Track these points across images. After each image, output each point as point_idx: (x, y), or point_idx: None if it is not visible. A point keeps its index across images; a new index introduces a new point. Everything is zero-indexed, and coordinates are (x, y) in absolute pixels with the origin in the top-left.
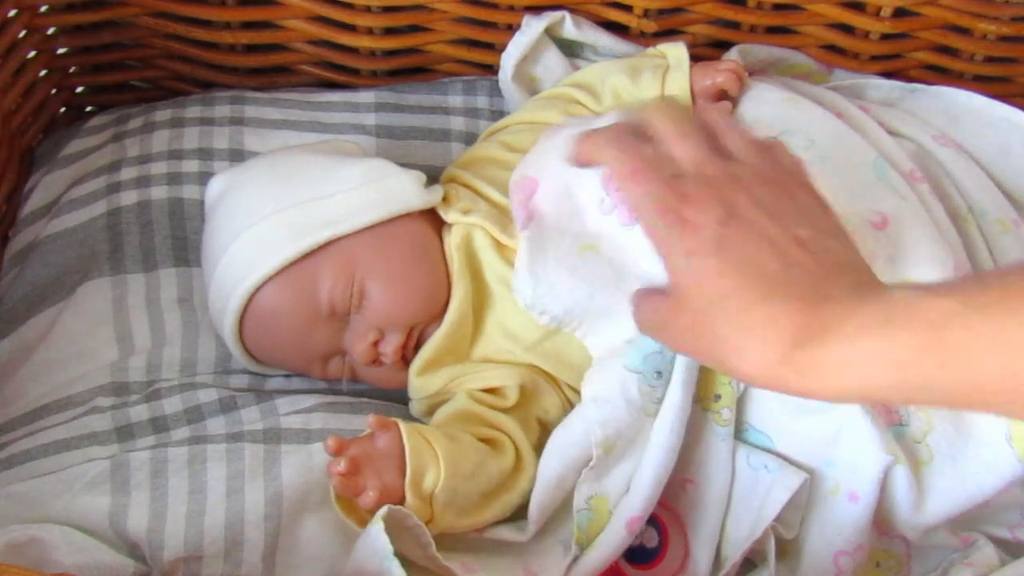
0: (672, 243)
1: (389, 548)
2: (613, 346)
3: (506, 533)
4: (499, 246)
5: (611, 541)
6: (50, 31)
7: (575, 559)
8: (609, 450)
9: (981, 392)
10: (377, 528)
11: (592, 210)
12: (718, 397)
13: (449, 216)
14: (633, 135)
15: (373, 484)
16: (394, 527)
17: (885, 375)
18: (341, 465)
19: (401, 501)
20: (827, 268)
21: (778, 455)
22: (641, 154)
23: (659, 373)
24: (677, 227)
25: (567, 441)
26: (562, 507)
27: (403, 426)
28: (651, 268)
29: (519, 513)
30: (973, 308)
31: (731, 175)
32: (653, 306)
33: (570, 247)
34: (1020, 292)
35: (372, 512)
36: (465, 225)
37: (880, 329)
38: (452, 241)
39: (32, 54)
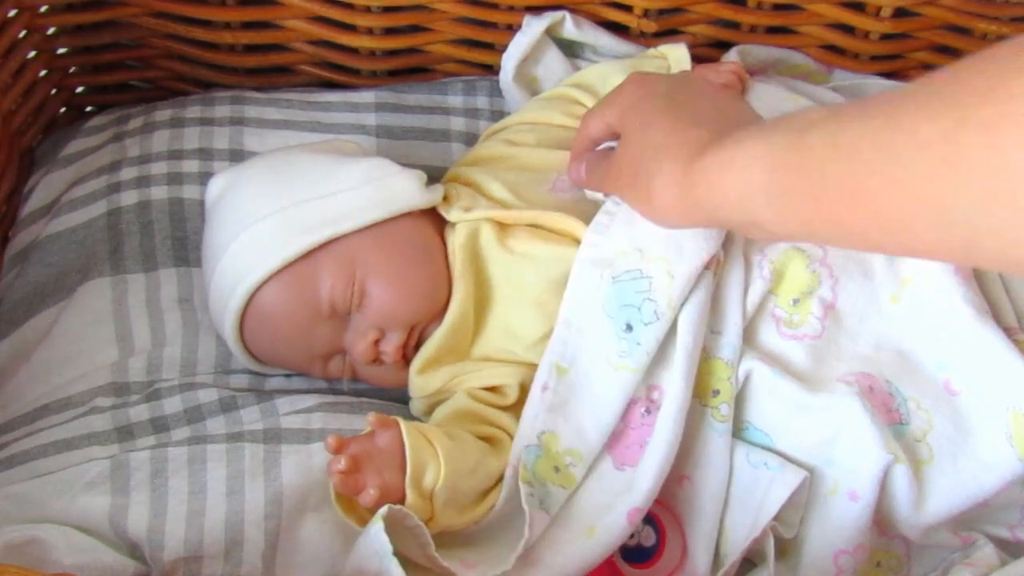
0: (629, 94)
1: (389, 547)
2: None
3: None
4: (504, 243)
5: (611, 530)
6: (50, 31)
7: (532, 498)
8: (563, 372)
9: (828, 196)
10: (377, 527)
11: None
12: (716, 392)
13: (452, 215)
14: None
15: (373, 482)
16: (394, 527)
17: (756, 178)
18: (341, 463)
19: (402, 499)
20: (750, 115)
21: (778, 454)
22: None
23: (629, 326)
24: (637, 84)
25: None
26: None
27: (403, 424)
28: None
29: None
30: (833, 116)
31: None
32: (606, 159)
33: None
34: (876, 103)
35: (372, 511)
36: (469, 222)
37: (758, 134)
38: (456, 240)
39: (32, 54)
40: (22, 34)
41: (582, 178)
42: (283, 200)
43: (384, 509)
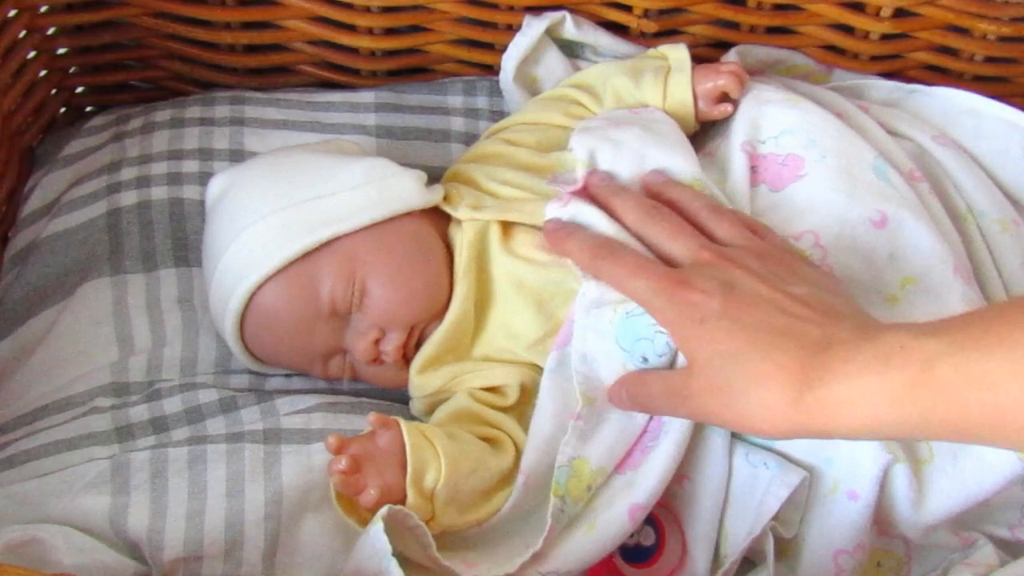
0: (683, 317)
1: (388, 548)
2: (608, 311)
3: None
4: (509, 243)
5: (612, 525)
6: (50, 31)
7: (561, 513)
8: (591, 402)
9: (971, 425)
10: (377, 528)
11: None
12: None
13: (460, 213)
14: (628, 248)
15: (374, 482)
16: (395, 527)
17: (886, 412)
18: (342, 463)
19: (402, 499)
20: (829, 317)
21: (777, 453)
22: (638, 257)
23: (645, 359)
24: (685, 305)
25: (555, 394)
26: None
27: (404, 424)
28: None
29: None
30: (957, 347)
31: (725, 256)
32: (662, 381)
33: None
34: (997, 331)
35: (373, 511)
36: (478, 221)
37: (877, 368)
38: (464, 237)
39: (32, 54)
40: (22, 34)
41: (626, 402)
42: (283, 200)
43: (384, 509)
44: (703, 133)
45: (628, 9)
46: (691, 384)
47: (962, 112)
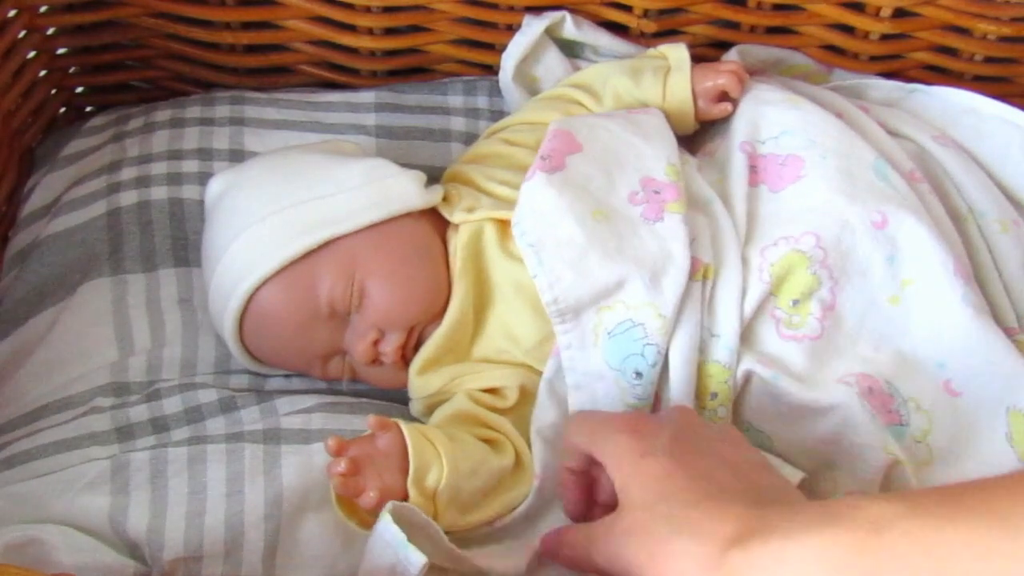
0: (625, 450)
1: (402, 536)
2: (588, 323)
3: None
4: (506, 244)
5: None
6: (50, 31)
7: None
8: None
9: None
10: (385, 520)
11: (622, 194)
12: (714, 395)
13: (455, 217)
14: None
15: (374, 484)
16: (403, 525)
17: (818, 574)
18: (342, 466)
19: (402, 500)
20: (777, 484)
21: (777, 454)
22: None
23: (638, 374)
24: (633, 436)
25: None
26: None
27: (404, 425)
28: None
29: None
30: (916, 513)
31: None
32: (586, 529)
33: (585, 204)
34: (960, 499)
35: (373, 513)
36: (473, 223)
37: (821, 527)
38: (459, 240)
39: (32, 54)
40: (22, 34)
41: (556, 555)
42: (283, 201)
43: (390, 505)
44: (703, 133)
45: (628, 9)
46: (615, 525)
47: (962, 112)
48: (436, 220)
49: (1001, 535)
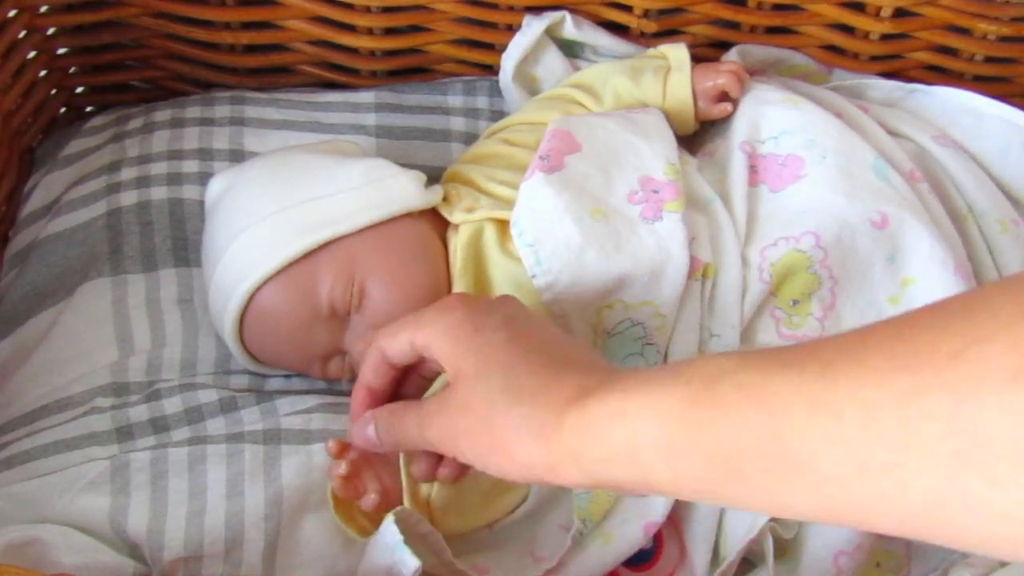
0: (456, 327)
1: (399, 538)
2: (587, 321)
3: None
4: (505, 244)
5: (626, 540)
6: (50, 31)
7: (580, 535)
8: None
9: (741, 457)
10: (388, 523)
11: (620, 193)
12: None
13: (455, 217)
14: None
15: (373, 487)
16: (407, 534)
17: (649, 431)
18: (342, 468)
19: (401, 502)
20: (612, 365)
21: None
22: None
23: None
24: (466, 312)
25: None
26: (559, 491)
27: None
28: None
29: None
30: (747, 365)
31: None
32: (417, 407)
33: (583, 204)
34: (792, 352)
35: (372, 516)
36: (472, 223)
37: (656, 382)
38: (459, 240)
39: (32, 54)
40: (22, 34)
41: (374, 440)
42: (282, 201)
43: (398, 509)
44: (703, 133)
45: (628, 9)
46: (447, 401)
47: (962, 112)
48: (436, 220)
49: (822, 385)
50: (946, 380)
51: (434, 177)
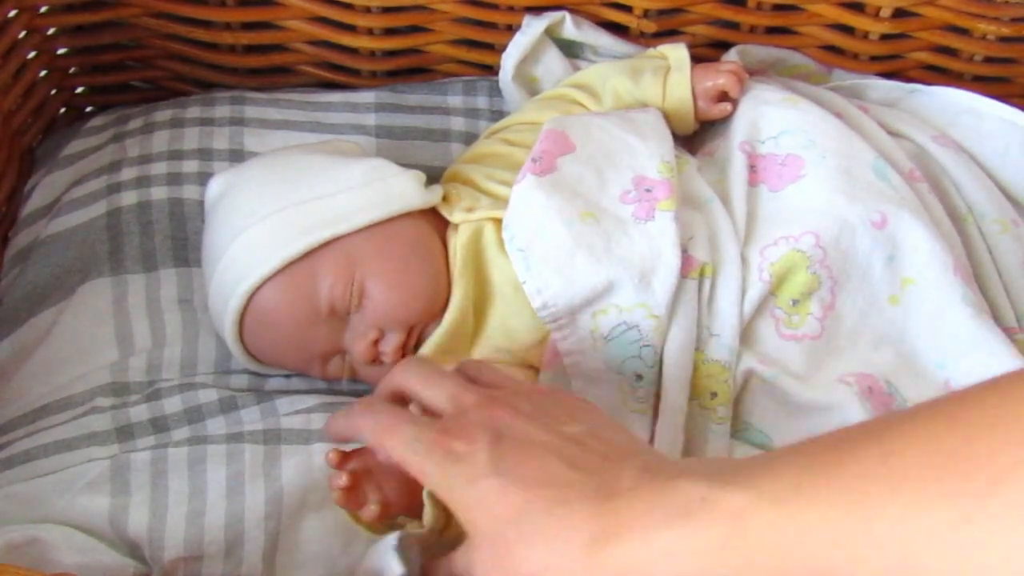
0: (450, 478)
1: (393, 542)
2: (585, 328)
3: None
4: (503, 244)
5: None
6: (50, 32)
7: None
8: None
9: None
10: (390, 536)
11: (613, 193)
12: (714, 395)
13: (454, 217)
14: (385, 402)
15: (374, 497)
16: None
17: (692, 566)
18: (343, 479)
19: (402, 512)
20: (610, 459)
21: None
22: (395, 411)
23: (639, 376)
24: (450, 461)
25: None
26: None
27: None
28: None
29: None
30: (769, 501)
31: (489, 397)
32: (447, 564)
33: (573, 207)
34: (814, 481)
35: (374, 525)
36: (472, 223)
37: (680, 523)
38: (458, 240)
39: (32, 54)
40: (22, 34)
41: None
42: (283, 201)
43: (401, 534)
44: (703, 133)
45: (628, 9)
46: (473, 559)
47: (962, 112)
48: (436, 220)
49: (860, 520)
50: (989, 513)
51: (434, 177)
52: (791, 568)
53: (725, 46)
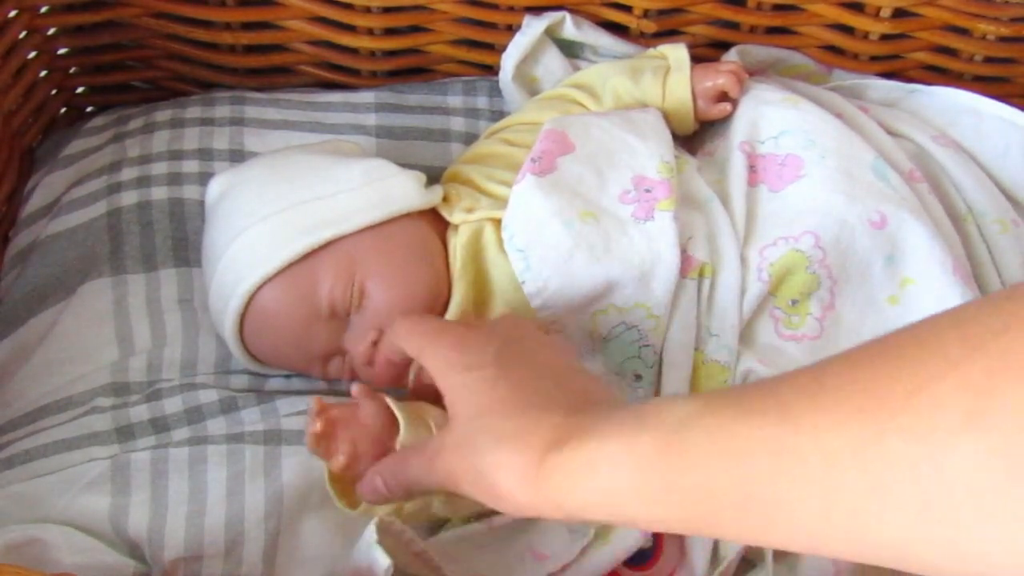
0: (452, 363)
1: (374, 537)
2: (583, 327)
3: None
4: (503, 245)
5: (626, 539)
6: (50, 32)
7: (589, 543)
8: None
9: (715, 500)
10: (370, 524)
11: (613, 193)
12: None
13: (454, 217)
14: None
15: (344, 449)
16: (386, 538)
17: (626, 477)
18: (317, 425)
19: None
20: (599, 390)
21: None
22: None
23: (638, 376)
24: (457, 347)
25: None
26: None
27: (393, 403)
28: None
29: None
30: (711, 409)
31: (518, 319)
32: (420, 448)
33: (573, 207)
34: (753, 395)
35: (343, 480)
36: (472, 223)
37: (628, 431)
38: (458, 240)
39: (32, 55)
40: (22, 34)
41: (383, 491)
42: (283, 201)
43: (380, 516)
44: (703, 133)
45: (628, 9)
46: (445, 441)
47: (962, 112)
48: (436, 220)
49: (785, 430)
50: (901, 424)
51: (434, 177)
52: (717, 480)
53: (725, 46)
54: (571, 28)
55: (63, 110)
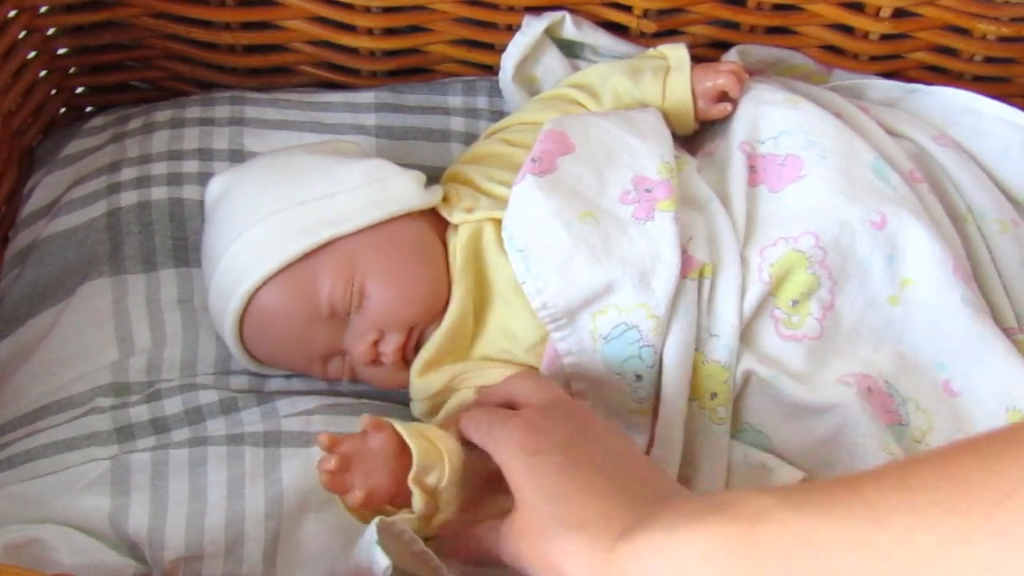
0: (519, 448)
1: (374, 537)
2: (584, 328)
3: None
4: (503, 244)
5: None
6: (50, 32)
7: None
8: None
9: None
10: (371, 524)
11: (613, 194)
12: (714, 395)
13: (454, 217)
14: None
15: (360, 483)
16: (389, 541)
17: (703, 566)
18: (331, 463)
19: (388, 502)
20: (667, 482)
21: (776, 454)
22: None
23: (639, 376)
24: (526, 433)
25: None
26: None
27: (401, 426)
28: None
29: None
30: (789, 504)
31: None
32: (490, 528)
33: (573, 207)
34: (834, 491)
35: (361, 513)
36: (472, 223)
37: (697, 520)
38: (458, 240)
39: (32, 55)
40: (22, 34)
41: (468, 553)
42: (283, 201)
43: (381, 517)
44: (703, 133)
45: (628, 9)
46: (512, 525)
47: (962, 112)
48: (435, 220)
49: (871, 528)
50: (995, 527)
51: (434, 177)
52: (797, 569)
53: (725, 46)
54: (571, 28)
55: (63, 110)
